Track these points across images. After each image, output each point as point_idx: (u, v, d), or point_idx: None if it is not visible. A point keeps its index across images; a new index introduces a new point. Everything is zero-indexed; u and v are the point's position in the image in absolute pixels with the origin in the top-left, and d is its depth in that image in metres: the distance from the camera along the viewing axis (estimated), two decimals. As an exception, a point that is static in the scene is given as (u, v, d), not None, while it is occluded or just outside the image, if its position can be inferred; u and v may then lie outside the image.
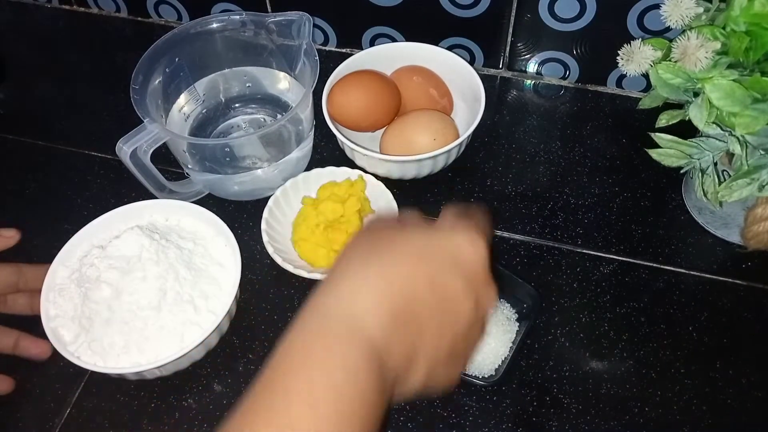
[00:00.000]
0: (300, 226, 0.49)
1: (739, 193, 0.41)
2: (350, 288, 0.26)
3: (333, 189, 0.49)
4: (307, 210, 0.49)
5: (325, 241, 0.48)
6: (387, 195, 0.50)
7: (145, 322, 0.42)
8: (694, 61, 0.38)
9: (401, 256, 0.28)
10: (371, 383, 0.24)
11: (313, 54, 0.50)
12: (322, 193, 0.50)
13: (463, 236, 0.30)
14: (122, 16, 0.68)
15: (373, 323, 0.25)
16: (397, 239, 0.29)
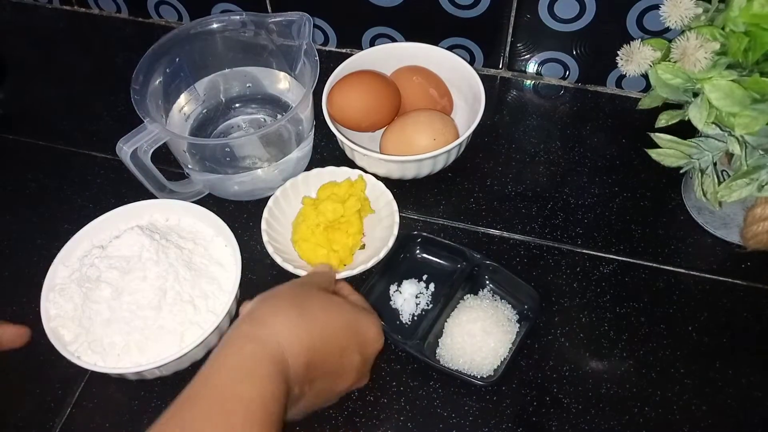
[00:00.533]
0: (300, 226, 0.49)
1: (738, 193, 0.41)
2: (282, 324, 0.35)
3: (333, 189, 0.49)
4: (307, 210, 0.49)
5: (325, 241, 0.47)
6: (387, 195, 0.50)
7: (145, 322, 0.42)
8: (693, 61, 0.38)
9: (329, 318, 0.37)
10: (281, 395, 0.33)
11: (313, 54, 0.50)
12: (322, 193, 0.49)
13: (375, 326, 0.39)
14: (123, 17, 0.68)
15: (291, 353, 0.34)
16: (331, 304, 0.38)
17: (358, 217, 0.48)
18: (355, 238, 0.48)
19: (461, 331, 0.44)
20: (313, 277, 0.42)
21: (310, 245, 0.48)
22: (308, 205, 0.49)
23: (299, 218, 0.50)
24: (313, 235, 0.48)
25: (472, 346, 0.44)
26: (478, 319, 0.44)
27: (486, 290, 0.47)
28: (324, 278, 0.42)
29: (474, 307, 0.45)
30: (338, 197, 0.48)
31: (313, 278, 0.42)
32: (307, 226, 0.48)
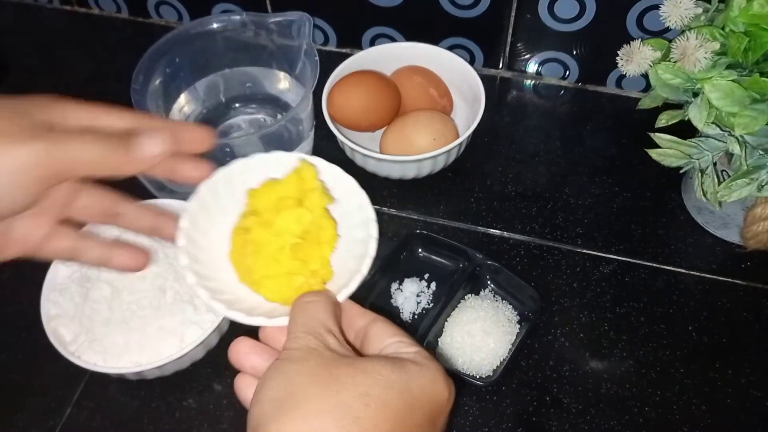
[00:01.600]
0: (253, 259, 0.31)
1: (738, 193, 0.41)
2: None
3: (278, 191, 0.32)
4: (257, 235, 0.31)
5: (299, 265, 0.31)
6: (346, 179, 0.33)
7: (145, 322, 0.43)
8: (693, 61, 0.38)
9: (378, 413, 0.23)
10: None
11: (313, 54, 0.50)
12: (264, 201, 0.32)
13: (440, 383, 0.25)
14: (123, 17, 0.68)
15: None
16: (361, 377, 0.24)
17: (327, 214, 0.33)
18: (331, 242, 0.32)
19: (461, 330, 0.44)
20: (320, 332, 0.26)
21: (280, 280, 0.31)
22: (254, 227, 0.31)
23: (245, 249, 0.31)
24: (280, 263, 0.31)
25: (471, 346, 0.44)
26: (478, 319, 0.44)
27: (487, 290, 0.47)
28: (327, 318, 0.27)
29: (474, 307, 0.45)
30: (292, 200, 0.32)
31: (322, 335, 0.26)
32: (267, 255, 0.31)
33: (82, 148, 0.27)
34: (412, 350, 0.26)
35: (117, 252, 0.31)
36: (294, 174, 0.32)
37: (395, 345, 0.27)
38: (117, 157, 0.27)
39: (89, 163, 0.27)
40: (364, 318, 0.28)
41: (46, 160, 0.26)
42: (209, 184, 0.32)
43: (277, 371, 0.25)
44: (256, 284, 0.31)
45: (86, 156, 0.27)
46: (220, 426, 0.43)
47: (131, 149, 0.28)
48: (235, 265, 0.32)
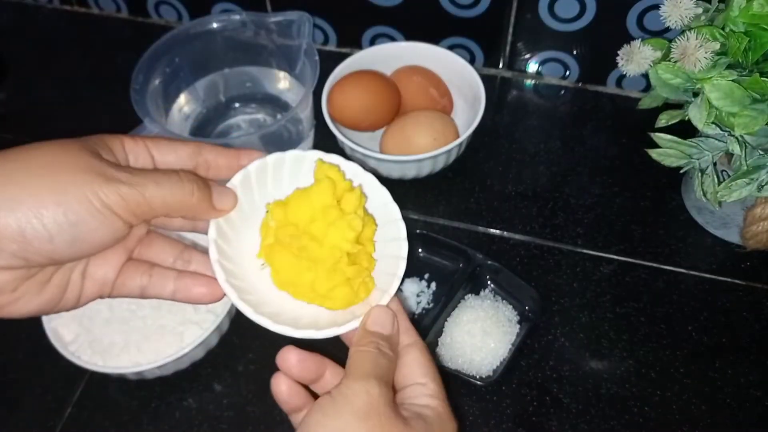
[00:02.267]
0: (313, 276, 0.30)
1: (738, 193, 0.41)
2: None
3: (312, 200, 0.30)
4: (310, 252, 0.30)
5: (356, 270, 0.30)
6: (366, 177, 0.32)
7: (144, 322, 0.43)
8: (693, 61, 0.38)
9: None
10: None
11: (313, 54, 0.50)
12: (297, 213, 0.30)
13: None
14: (123, 17, 0.68)
15: None
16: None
17: (366, 212, 0.32)
18: (372, 237, 0.32)
19: (461, 330, 0.44)
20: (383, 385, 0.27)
21: (344, 288, 0.30)
22: (307, 243, 0.30)
23: (298, 265, 0.30)
24: (341, 272, 0.30)
25: (471, 347, 0.44)
26: (478, 319, 0.44)
27: (487, 290, 0.47)
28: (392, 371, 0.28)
29: (475, 307, 0.45)
30: (334, 208, 0.30)
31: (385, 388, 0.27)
32: (327, 267, 0.30)
33: (164, 191, 0.26)
34: (434, 404, 0.29)
35: (191, 284, 0.30)
36: (324, 179, 0.30)
37: (421, 390, 0.29)
38: (200, 205, 0.28)
39: (171, 206, 0.27)
40: (407, 336, 0.30)
41: (133, 199, 0.26)
42: None
43: (336, 413, 0.26)
44: (323, 298, 0.30)
45: (169, 199, 0.26)
46: (219, 426, 0.43)
47: (214, 199, 0.28)
48: (282, 280, 0.30)
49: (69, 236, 0.25)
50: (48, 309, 0.28)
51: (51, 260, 0.25)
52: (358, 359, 0.28)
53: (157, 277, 0.30)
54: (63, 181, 0.24)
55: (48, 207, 0.24)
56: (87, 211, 0.25)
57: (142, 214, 0.26)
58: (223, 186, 0.29)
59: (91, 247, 0.26)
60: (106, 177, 0.25)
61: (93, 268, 0.29)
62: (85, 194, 0.24)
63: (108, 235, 0.26)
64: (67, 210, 0.24)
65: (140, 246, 0.30)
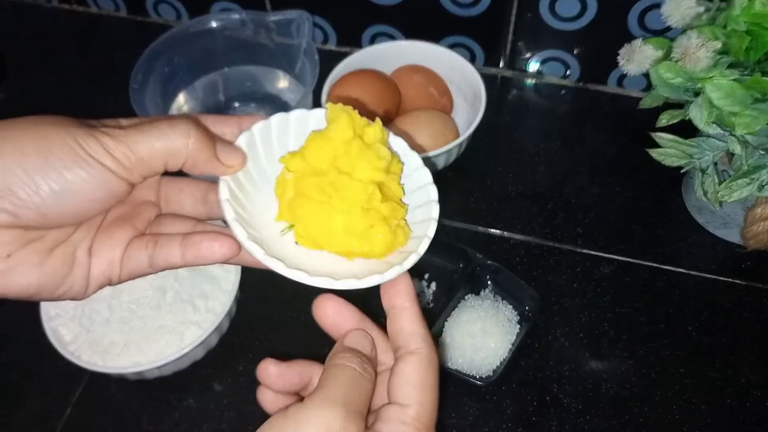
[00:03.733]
0: (349, 217, 0.27)
1: (738, 193, 0.41)
2: None
3: (331, 140, 0.27)
4: (343, 190, 0.27)
5: (391, 207, 0.28)
6: (396, 140, 0.30)
7: (144, 322, 0.43)
8: (694, 60, 0.38)
9: None
10: None
11: (312, 53, 0.50)
12: (318, 156, 0.27)
13: None
14: (122, 16, 0.68)
15: None
16: None
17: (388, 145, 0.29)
18: (399, 178, 0.29)
19: (461, 331, 0.44)
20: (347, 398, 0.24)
21: (384, 227, 0.27)
22: (335, 179, 0.27)
23: (329, 208, 0.27)
24: (377, 209, 0.27)
25: (471, 347, 0.44)
26: (478, 319, 0.44)
27: (487, 290, 0.47)
28: (367, 400, 0.25)
29: (475, 307, 0.45)
30: (357, 141, 0.28)
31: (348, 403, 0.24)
32: (361, 206, 0.27)
33: (152, 139, 0.24)
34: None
35: (200, 240, 0.27)
36: (340, 115, 0.27)
37: (397, 414, 0.25)
38: (200, 154, 0.25)
39: (164, 155, 0.25)
40: (413, 340, 0.26)
41: (119, 150, 0.24)
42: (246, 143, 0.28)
43: None
44: (361, 240, 0.27)
45: (159, 147, 0.24)
46: (219, 426, 0.43)
47: (219, 152, 0.26)
48: (312, 236, 0.27)
49: (57, 187, 0.23)
50: (50, 288, 0.25)
51: (42, 216, 0.24)
52: (332, 375, 0.25)
53: (163, 243, 0.27)
54: (45, 132, 0.23)
55: (29, 155, 0.23)
56: (71, 159, 0.23)
57: (133, 166, 0.24)
58: (230, 142, 0.27)
59: (84, 203, 0.24)
60: (89, 131, 0.24)
61: (99, 245, 0.27)
62: (66, 142, 0.23)
63: (100, 191, 0.24)
64: (51, 158, 0.23)
65: (150, 227, 0.28)
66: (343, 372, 0.25)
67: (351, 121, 0.27)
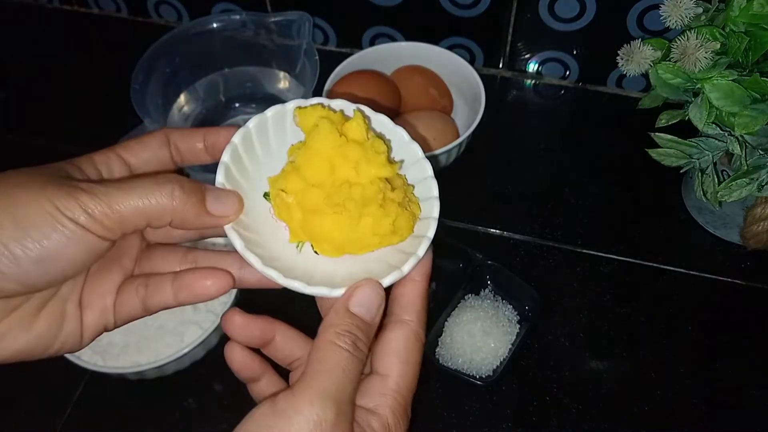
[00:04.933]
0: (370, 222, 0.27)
1: (738, 192, 0.41)
2: None
3: (318, 154, 0.26)
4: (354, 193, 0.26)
5: (401, 193, 0.27)
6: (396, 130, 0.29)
7: (144, 322, 0.43)
8: (693, 61, 0.38)
9: None
10: None
11: (313, 54, 0.50)
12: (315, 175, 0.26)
13: None
14: (123, 17, 0.68)
15: None
16: None
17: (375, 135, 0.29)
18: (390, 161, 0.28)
19: (461, 330, 0.44)
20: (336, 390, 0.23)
21: (405, 216, 0.27)
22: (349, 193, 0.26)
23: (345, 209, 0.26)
24: (393, 202, 0.27)
25: (471, 346, 0.44)
26: (478, 319, 0.44)
27: (487, 290, 0.47)
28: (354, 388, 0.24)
29: (475, 307, 0.45)
30: (350, 144, 0.27)
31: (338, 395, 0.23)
32: (382, 206, 0.26)
33: (134, 198, 0.23)
34: (385, 403, 0.25)
35: (192, 280, 0.26)
36: (319, 123, 0.26)
37: (378, 386, 0.25)
38: (187, 209, 0.24)
39: (148, 214, 0.23)
40: (406, 311, 0.26)
41: (99, 210, 0.23)
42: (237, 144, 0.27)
43: None
44: (391, 235, 0.27)
45: (141, 206, 0.23)
46: (219, 426, 0.43)
47: (208, 202, 0.25)
48: (337, 245, 0.27)
49: (35, 255, 0.22)
50: (42, 347, 0.25)
51: (25, 285, 0.23)
52: (324, 359, 0.24)
53: (155, 286, 0.27)
54: (21, 200, 0.22)
55: (6, 227, 0.22)
56: (49, 227, 0.22)
57: (114, 226, 0.23)
58: (223, 188, 0.26)
59: (66, 266, 0.23)
60: (66, 190, 0.23)
61: (88, 296, 0.26)
62: (43, 207, 0.22)
63: (81, 252, 0.23)
64: (27, 227, 0.22)
65: (138, 262, 0.27)
66: (335, 356, 0.24)
67: (331, 126, 0.26)
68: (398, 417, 0.25)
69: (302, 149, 0.27)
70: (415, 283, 0.26)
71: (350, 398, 0.24)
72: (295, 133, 0.28)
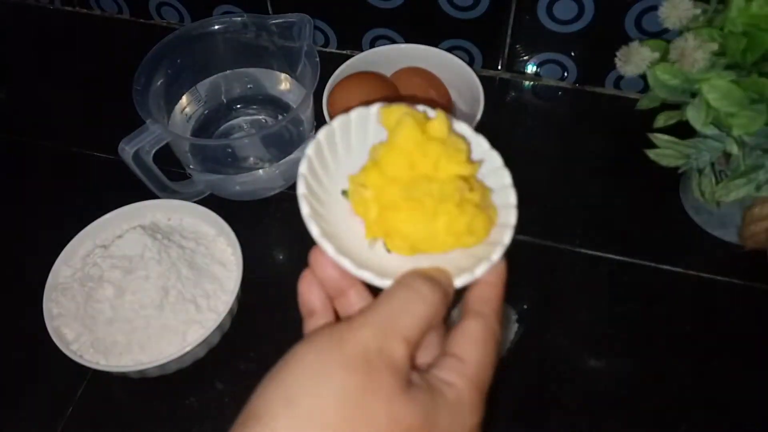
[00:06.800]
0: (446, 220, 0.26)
1: (736, 193, 0.42)
2: None
3: (400, 150, 0.26)
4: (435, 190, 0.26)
5: (481, 193, 0.28)
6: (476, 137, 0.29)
7: (147, 321, 0.43)
8: (691, 62, 0.38)
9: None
10: None
11: (313, 55, 0.50)
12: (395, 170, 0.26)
13: None
14: (124, 18, 0.69)
15: None
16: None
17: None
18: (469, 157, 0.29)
19: (461, 330, 0.44)
20: (389, 321, 0.23)
21: (481, 216, 0.27)
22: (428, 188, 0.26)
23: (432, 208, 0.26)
24: (470, 201, 0.27)
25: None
26: (478, 318, 0.44)
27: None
28: (411, 316, 0.23)
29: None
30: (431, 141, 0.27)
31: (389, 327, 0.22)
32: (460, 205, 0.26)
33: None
34: (461, 384, 0.23)
35: None
36: (402, 119, 0.27)
37: (455, 365, 0.24)
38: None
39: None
40: (486, 305, 0.25)
41: None
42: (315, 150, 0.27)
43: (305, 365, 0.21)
44: (467, 235, 0.27)
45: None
46: (222, 425, 0.43)
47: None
48: (412, 242, 0.26)
49: None
50: None
51: None
52: (386, 294, 0.23)
53: None
54: None
55: None
56: None
57: None
58: None
59: None
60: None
61: None
62: None
63: None
64: None
65: None
66: (399, 292, 0.23)
67: (415, 123, 0.26)
68: (474, 400, 0.23)
69: (384, 145, 0.27)
70: (492, 286, 0.26)
71: (405, 335, 0.22)
72: (376, 135, 0.28)
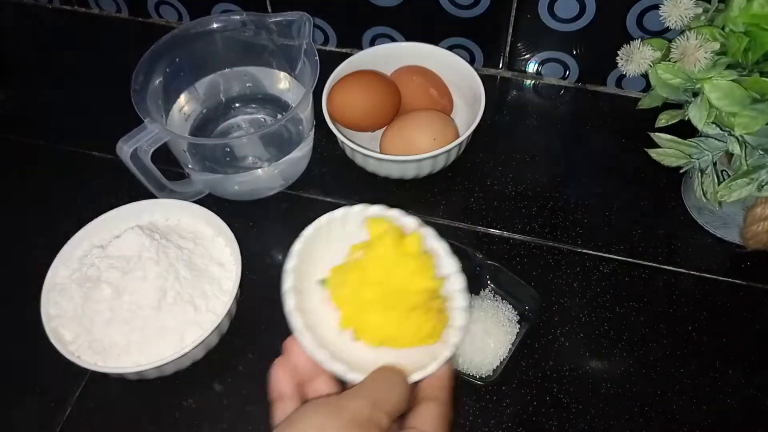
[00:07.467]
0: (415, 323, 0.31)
1: (738, 193, 0.41)
2: None
3: (379, 260, 0.31)
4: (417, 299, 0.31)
5: (441, 301, 0.32)
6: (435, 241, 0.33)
7: (145, 322, 0.43)
8: (693, 61, 0.38)
9: None
10: None
11: (313, 54, 0.50)
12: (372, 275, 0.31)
13: None
14: (123, 17, 0.68)
15: None
16: None
17: None
18: None
19: (461, 331, 0.44)
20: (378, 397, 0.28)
21: (443, 319, 0.32)
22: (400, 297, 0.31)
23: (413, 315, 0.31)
24: (432, 308, 0.32)
25: (471, 347, 0.44)
26: (478, 319, 0.44)
27: (487, 290, 0.47)
28: (393, 396, 0.28)
29: (475, 307, 0.45)
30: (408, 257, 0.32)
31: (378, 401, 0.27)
32: (426, 312, 0.31)
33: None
34: None
35: None
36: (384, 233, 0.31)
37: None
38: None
39: None
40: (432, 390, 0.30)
41: None
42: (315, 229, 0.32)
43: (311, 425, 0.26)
44: (429, 337, 0.31)
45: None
46: (219, 426, 0.43)
47: None
48: (381, 337, 0.31)
49: None
50: None
51: None
52: (371, 376, 0.29)
53: None
54: None
55: None
56: None
57: None
58: None
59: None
60: None
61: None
62: None
63: None
64: None
65: None
66: (383, 376, 0.29)
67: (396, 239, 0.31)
68: None
69: (368, 251, 0.31)
70: (443, 376, 0.31)
71: (388, 410, 0.27)
72: (355, 234, 0.32)
